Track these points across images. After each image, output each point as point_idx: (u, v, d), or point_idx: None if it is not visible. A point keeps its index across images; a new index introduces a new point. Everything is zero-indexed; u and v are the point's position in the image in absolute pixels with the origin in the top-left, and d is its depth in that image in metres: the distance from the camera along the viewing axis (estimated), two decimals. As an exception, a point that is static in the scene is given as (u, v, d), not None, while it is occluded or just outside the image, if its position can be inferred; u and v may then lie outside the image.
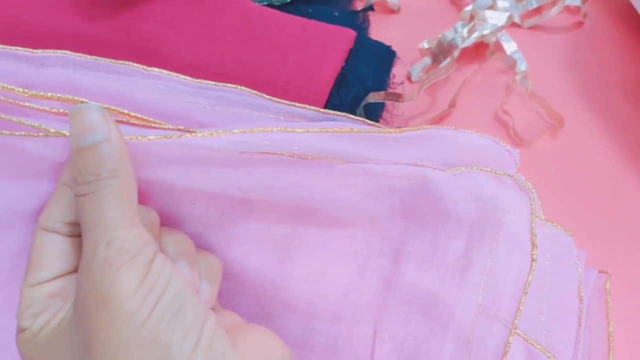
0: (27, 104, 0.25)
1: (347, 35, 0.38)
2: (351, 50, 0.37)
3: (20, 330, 0.23)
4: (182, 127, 0.27)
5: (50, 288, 0.24)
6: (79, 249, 0.25)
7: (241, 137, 0.25)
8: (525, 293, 0.28)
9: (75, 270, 0.25)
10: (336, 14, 0.44)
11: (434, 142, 0.30)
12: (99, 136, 0.23)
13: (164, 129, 0.27)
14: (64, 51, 0.29)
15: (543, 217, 0.34)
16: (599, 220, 0.38)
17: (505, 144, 0.32)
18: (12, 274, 0.27)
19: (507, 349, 0.27)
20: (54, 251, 0.24)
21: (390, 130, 0.29)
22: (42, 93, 0.25)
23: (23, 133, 0.24)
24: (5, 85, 0.25)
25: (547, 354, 0.29)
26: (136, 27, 0.35)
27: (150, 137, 0.24)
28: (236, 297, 0.29)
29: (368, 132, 0.29)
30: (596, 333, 0.33)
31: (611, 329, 0.32)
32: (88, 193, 0.22)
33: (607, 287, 0.34)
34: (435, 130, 0.30)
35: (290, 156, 0.26)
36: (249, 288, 0.28)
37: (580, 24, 0.49)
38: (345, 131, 0.28)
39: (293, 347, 0.28)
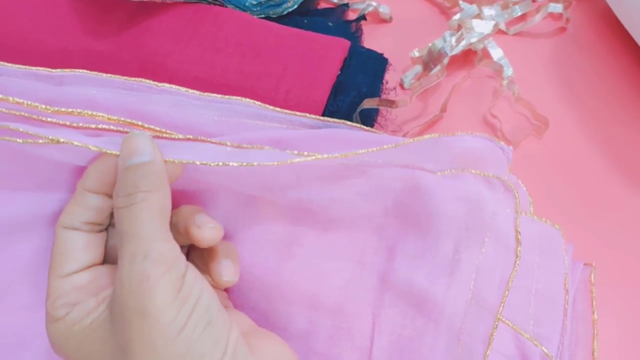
0: (49, 119, 0.27)
1: (341, 45, 0.40)
2: (346, 59, 0.39)
3: (54, 320, 0.25)
4: (191, 137, 0.29)
5: (78, 280, 0.25)
6: (101, 243, 0.27)
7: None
8: (509, 287, 0.30)
9: (100, 263, 0.27)
10: (330, 24, 0.46)
11: (428, 147, 0.32)
12: (145, 157, 0.25)
13: (174, 139, 0.29)
14: (81, 70, 0.31)
15: (533, 213, 0.36)
16: (584, 215, 0.40)
17: (499, 142, 0.34)
18: (37, 275, 0.29)
19: (492, 336, 0.29)
20: (78, 245, 0.26)
21: (390, 145, 0.31)
22: (63, 109, 0.27)
23: (45, 141, 0.25)
24: (29, 102, 0.26)
25: (535, 342, 0.31)
26: (143, 42, 0.37)
27: (196, 162, 0.26)
28: (245, 293, 0.31)
29: (371, 152, 0.30)
30: (582, 322, 0.35)
31: (595, 317, 0.34)
32: (127, 205, 0.24)
33: (592, 278, 0.36)
34: (432, 139, 0.32)
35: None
36: (256, 285, 0.30)
37: (563, 29, 0.51)
38: (349, 155, 0.29)
39: (297, 339, 0.30)
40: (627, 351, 0.35)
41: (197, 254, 0.30)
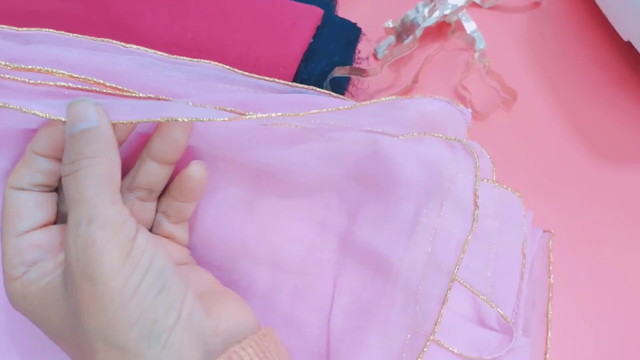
0: (7, 76, 0.27)
1: (314, 13, 0.40)
2: (319, 27, 0.40)
3: (11, 279, 0.25)
4: (153, 95, 0.29)
5: (34, 238, 0.25)
6: (52, 202, 0.27)
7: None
8: (464, 250, 0.30)
9: (54, 222, 0.27)
10: (305, -8, 0.46)
11: (387, 112, 0.32)
12: (90, 123, 0.25)
13: (135, 97, 0.29)
14: (47, 29, 0.31)
15: (495, 181, 0.37)
16: (547, 186, 0.42)
17: (458, 104, 0.34)
18: None
19: (447, 295, 0.30)
20: (30, 204, 0.26)
21: (347, 107, 0.31)
22: (23, 66, 0.27)
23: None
24: None
25: (491, 304, 0.32)
26: (113, 5, 0.37)
27: (144, 119, 0.26)
28: (210, 253, 0.31)
29: (327, 112, 0.30)
30: (540, 286, 0.36)
31: (551, 281, 0.36)
32: (72, 172, 0.24)
33: (550, 245, 0.37)
34: (389, 101, 0.32)
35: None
36: (220, 245, 0.31)
37: (537, 4, 0.51)
38: (301, 115, 0.29)
39: (260, 298, 0.31)
40: (580, 314, 0.36)
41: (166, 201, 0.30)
